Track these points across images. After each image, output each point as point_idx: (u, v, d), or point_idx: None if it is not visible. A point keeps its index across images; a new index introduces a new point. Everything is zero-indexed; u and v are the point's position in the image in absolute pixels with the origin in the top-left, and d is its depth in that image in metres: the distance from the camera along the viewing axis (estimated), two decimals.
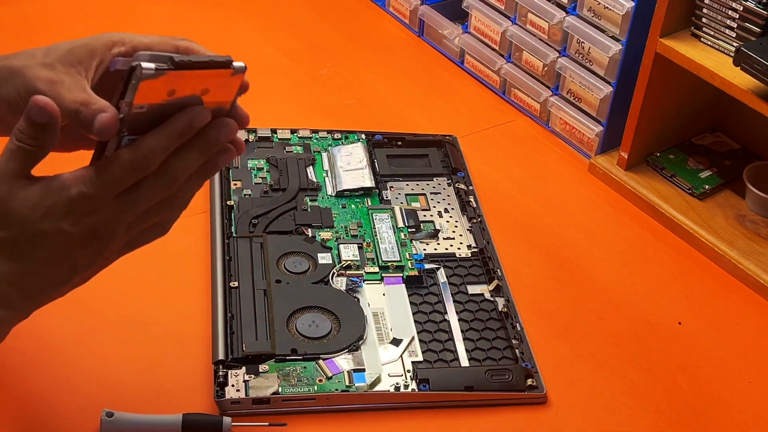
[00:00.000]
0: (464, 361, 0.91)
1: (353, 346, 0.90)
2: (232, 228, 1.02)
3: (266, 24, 1.43)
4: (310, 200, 1.08)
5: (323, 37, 1.41)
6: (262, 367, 0.87)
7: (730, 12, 1.01)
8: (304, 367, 0.88)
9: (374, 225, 1.05)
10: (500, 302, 0.97)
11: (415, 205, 1.09)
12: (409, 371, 0.89)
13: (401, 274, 0.99)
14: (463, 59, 1.36)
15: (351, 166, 1.12)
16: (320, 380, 0.87)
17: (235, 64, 0.65)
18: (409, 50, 1.40)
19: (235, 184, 1.08)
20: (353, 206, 1.08)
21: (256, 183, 1.09)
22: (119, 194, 0.65)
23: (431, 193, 1.11)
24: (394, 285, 0.98)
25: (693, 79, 1.04)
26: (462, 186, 1.12)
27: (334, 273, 0.98)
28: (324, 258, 0.99)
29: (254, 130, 1.16)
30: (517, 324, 0.95)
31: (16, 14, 1.39)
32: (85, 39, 0.72)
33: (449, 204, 1.10)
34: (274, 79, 1.31)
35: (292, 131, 1.18)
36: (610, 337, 0.97)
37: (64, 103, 0.68)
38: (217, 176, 1.08)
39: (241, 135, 1.15)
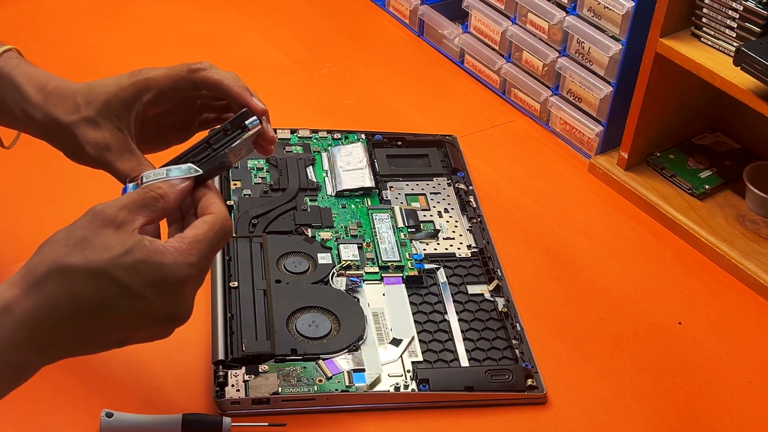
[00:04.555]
0: (464, 361, 0.91)
1: (353, 346, 0.90)
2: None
3: (266, 24, 1.43)
4: (310, 200, 1.08)
5: (323, 37, 1.41)
6: (262, 367, 0.87)
7: (730, 12, 1.01)
8: (304, 367, 0.88)
9: (374, 225, 1.05)
10: (500, 302, 0.97)
11: (415, 205, 1.09)
12: (409, 371, 0.89)
13: (401, 274, 0.99)
14: (463, 59, 1.36)
15: (351, 166, 1.12)
16: (320, 380, 0.87)
17: (248, 123, 0.73)
18: (409, 50, 1.40)
19: (235, 184, 1.08)
20: (353, 206, 1.08)
21: (255, 183, 1.09)
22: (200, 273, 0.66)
23: (431, 193, 1.11)
24: (393, 285, 0.98)
25: (693, 79, 1.04)
26: (462, 186, 1.12)
27: (333, 273, 0.98)
28: (324, 258, 0.99)
29: None
30: (517, 324, 0.95)
31: (16, 14, 1.39)
32: (115, 85, 0.76)
33: (449, 204, 1.10)
34: (274, 79, 1.31)
35: (292, 131, 1.18)
36: (610, 337, 0.97)
37: (115, 170, 0.74)
38: (217, 176, 1.08)
39: None
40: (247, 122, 0.72)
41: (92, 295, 0.60)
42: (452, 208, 1.09)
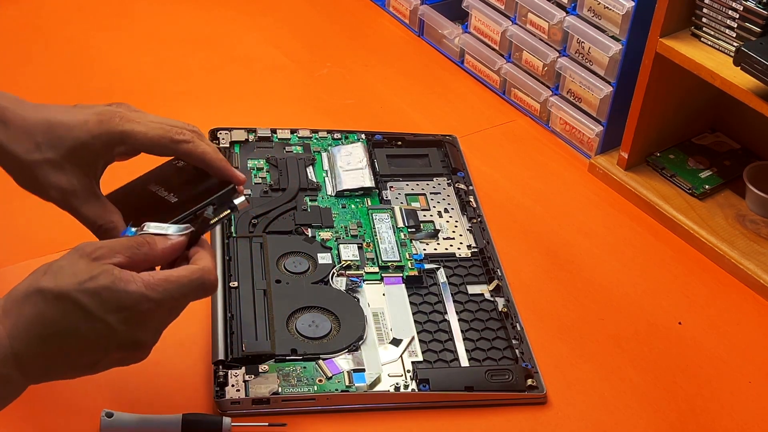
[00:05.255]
0: (464, 361, 0.91)
1: (353, 346, 0.90)
2: (232, 228, 1.02)
3: (266, 24, 1.43)
4: (310, 200, 1.08)
5: (323, 37, 1.41)
6: (262, 367, 0.87)
7: (730, 12, 1.01)
8: (304, 367, 0.88)
9: (374, 225, 1.05)
10: (500, 302, 0.97)
11: (415, 205, 1.09)
12: (409, 371, 0.89)
13: (401, 274, 0.99)
14: (463, 59, 1.36)
15: (351, 166, 1.12)
16: (320, 380, 0.87)
17: (237, 203, 0.75)
18: (409, 50, 1.40)
19: None
20: (353, 206, 1.08)
21: (256, 183, 1.09)
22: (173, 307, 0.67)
23: (431, 193, 1.11)
24: (393, 285, 0.98)
25: (693, 79, 1.04)
26: (462, 186, 1.12)
27: (333, 273, 0.98)
28: (324, 258, 0.99)
29: (254, 130, 1.16)
30: (517, 324, 0.95)
31: (16, 14, 1.39)
32: (83, 130, 0.72)
33: (449, 204, 1.10)
34: (274, 79, 1.31)
35: (292, 131, 1.18)
36: (610, 337, 0.97)
37: (81, 215, 0.73)
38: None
39: (242, 135, 1.15)
40: (234, 200, 0.75)
41: (57, 317, 0.63)
42: (452, 208, 1.09)
